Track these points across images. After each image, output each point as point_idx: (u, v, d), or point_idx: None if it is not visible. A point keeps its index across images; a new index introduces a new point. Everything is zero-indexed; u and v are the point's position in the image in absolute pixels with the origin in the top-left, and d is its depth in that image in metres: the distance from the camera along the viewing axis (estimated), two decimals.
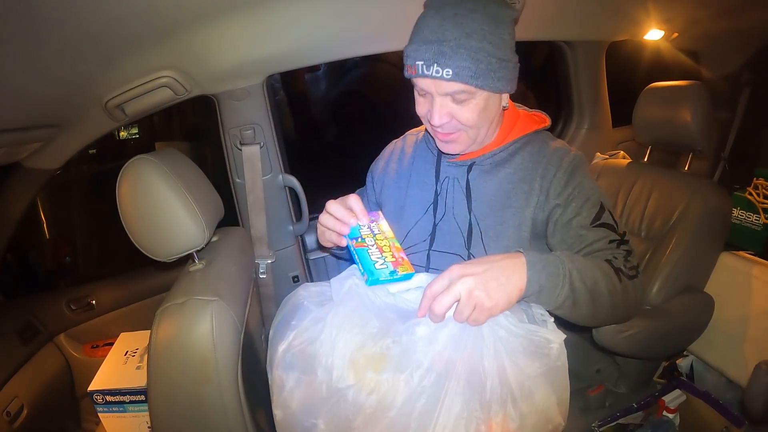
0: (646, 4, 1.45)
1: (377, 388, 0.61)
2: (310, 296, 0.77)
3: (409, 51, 0.79)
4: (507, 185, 0.89)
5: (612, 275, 0.77)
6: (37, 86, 0.90)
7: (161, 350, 0.73)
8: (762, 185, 1.49)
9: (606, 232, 0.84)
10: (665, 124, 1.29)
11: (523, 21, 1.30)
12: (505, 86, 0.81)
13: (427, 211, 0.96)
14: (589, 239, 0.83)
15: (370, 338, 0.65)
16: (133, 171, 0.78)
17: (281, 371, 0.69)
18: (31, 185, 1.31)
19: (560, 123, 1.99)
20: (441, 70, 0.75)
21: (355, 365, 0.63)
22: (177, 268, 0.89)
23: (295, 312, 0.74)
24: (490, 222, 0.89)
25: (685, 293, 1.18)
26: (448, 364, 0.61)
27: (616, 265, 0.79)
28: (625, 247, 0.84)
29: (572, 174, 0.86)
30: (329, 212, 0.78)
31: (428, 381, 0.60)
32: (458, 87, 0.77)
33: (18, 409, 1.21)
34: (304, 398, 0.65)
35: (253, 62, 1.21)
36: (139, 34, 0.94)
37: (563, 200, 0.85)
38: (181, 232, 0.80)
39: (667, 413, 1.31)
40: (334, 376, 0.63)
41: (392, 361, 0.62)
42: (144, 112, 1.19)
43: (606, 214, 0.85)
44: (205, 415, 0.76)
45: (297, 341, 0.69)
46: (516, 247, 0.84)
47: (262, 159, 1.35)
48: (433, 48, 0.75)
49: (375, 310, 0.69)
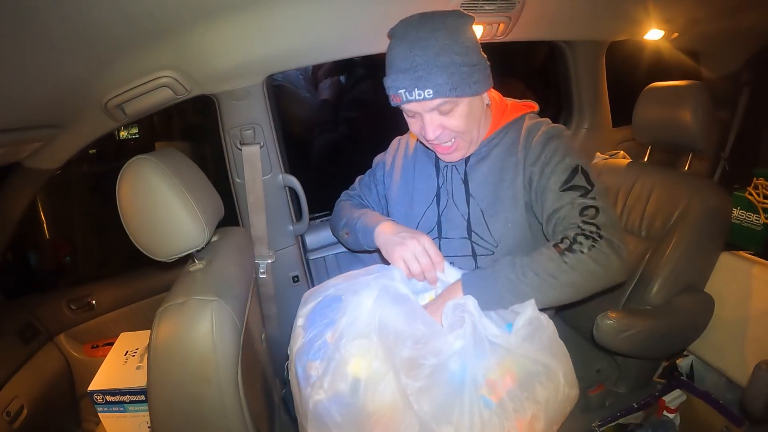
0: (646, 4, 1.45)
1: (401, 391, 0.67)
2: (339, 287, 0.83)
3: (389, 82, 0.86)
4: (498, 162, 0.96)
5: (555, 258, 0.78)
6: (37, 86, 0.90)
7: (161, 350, 0.73)
8: (762, 185, 1.49)
9: (572, 195, 0.85)
10: (665, 124, 1.29)
11: (523, 21, 1.30)
12: (482, 87, 0.88)
13: (432, 201, 1.03)
14: (556, 205, 0.86)
15: (405, 340, 0.70)
16: (132, 171, 0.78)
17: (310, 359, 0.74)
18: (31, 185, 1.31)
19: (560, 123, 1.98)
20: (422, 92, 0.82)
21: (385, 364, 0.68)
22: (177, 268, 0.89)
23: (326, 302, 0.81)
24: (489, 200, 0.95)
25: (685, 293, 1.18)
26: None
27: (563, 246, 0.79)
28: (590, 208, 0.82)
29: (547, 141, 0.92)
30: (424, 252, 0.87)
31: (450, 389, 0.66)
32: (441, 101, 0.84)
33: (18, 409, 1.21)
34: (331, 388, 0.69)
35: (253, 62, 1.20)
36: (138, 34, 0.94)
37: (539, 167, 0.90)
38: (181, 232, 0.80)
39: (668, 413, 1.31)
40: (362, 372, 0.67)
41: (425, 370, 0.68)
42: (144, 112, 1.19)
43: (578, 176, 0.86)
44: (205, 415, 0.76)
45: (328, 332, 0.75)
46: (514, 219, 0.93)
47: (262, 159, 1.35)
48: (409, 75, 0.82)
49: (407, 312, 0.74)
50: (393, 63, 0.85)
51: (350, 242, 1.10)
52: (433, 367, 0.68)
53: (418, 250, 0.86)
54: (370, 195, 1.19)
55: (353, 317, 0.71)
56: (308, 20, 1.10)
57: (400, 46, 0.84)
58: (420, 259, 0.86)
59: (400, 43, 0.84)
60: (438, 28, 0.82)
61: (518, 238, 0.94)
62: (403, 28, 0.85)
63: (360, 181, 1.23)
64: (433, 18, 0.84)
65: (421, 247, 0.87)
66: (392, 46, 0.86)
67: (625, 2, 1.43)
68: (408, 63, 0.82)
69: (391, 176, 1.12)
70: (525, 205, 0.93)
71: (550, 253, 0.80)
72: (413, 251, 0.86)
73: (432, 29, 0.82)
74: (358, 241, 1.04)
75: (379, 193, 1.17)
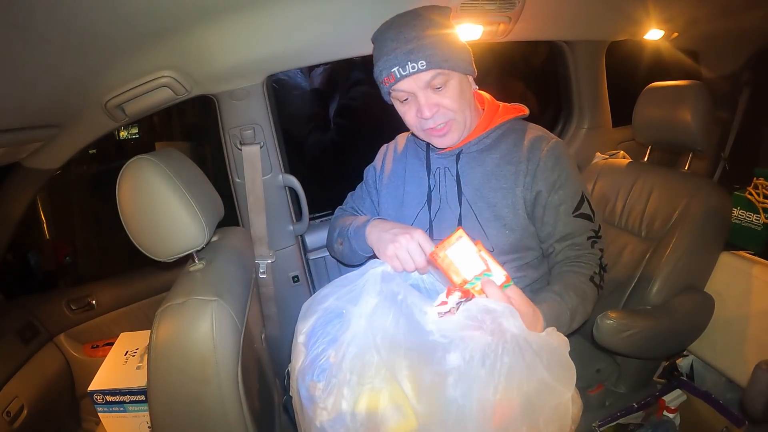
0: (646, 4, 1.45)
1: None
2: (338, 296, 0.79)
3: (381, 66, 0.87)
4: (494, 168, 0.96)
5: (594, 297, 0.91)
6: (37, 87, 0.90)
7: (161, 350, 0.73)
8: (762, 185, 1.49)
9: (584, 223, 0.95)
10: (665, 123, 1.29)
11: (523, 21, 1.30)
12: (469, 67, 0.91)
13: (424, 204, 1.02)
14: (571, 228, 0.94)
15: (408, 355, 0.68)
16: (132, 171, 0.78)
17: (314, 378, 0.72)
18: (31, 185, 1.31)
19: (560, 123, 1.99)
20: (416, 65, 0.83)
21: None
22: (177, 268, 0.89)
23: (326, 318, 0.78)
24: (483, 204, 0.96)
25: (686, 293, 1.18)
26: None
27: (596, 281, 0.92)
28: (599, 246, 0.96)
29: (558, 160, 0.94)
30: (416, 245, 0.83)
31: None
32: (434, 72, 0.85)
33: (18, 409, 1.21)
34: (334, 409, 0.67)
35: (253, 62, 1.20)
36: (138, 34, 0.94)
37: (550, 185, 0.93)
38: (181, 232, 0.80)
39: (668, 413, 1.31)
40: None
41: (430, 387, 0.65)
42: (144, 112, 1.19)
43: (585, 204, 0.95)
44: (205, 415, 0.76)
45: (330, 349, 0.73)
46: (513, 225, 0.95)
47: (262, 159, 1.35)
48: (401, 51, 0.84)
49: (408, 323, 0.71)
50: (382, 47, 0.87)
51: (345, 252, 1.04)
52: (437, 384, 0.64)
53: (412, 246, 0.81)
54: (364, 205, 1.16)
55: (354, 335, 0.69)
56: (308, 20, 1.10)
57: (387, 31, 0.87)
58: (414, 256, 0.81)
59: (387, 29, 0.88)
60: (421, 14, 0.87)
61: (513, 242, 0.95)
62: (387, 22, 0.89)
63: (352, 195, 1.20)
64: (413, 11, 0.88)
65: (415, 242, 0.81)
66: (378, 35, 0.90)
67: (625, 2, 1.43)
68: (397, 43, 0.84)
69: (382, 180, 1.11)
70: (524, 213, 0.94)
71: (591, 292, 0.90)
72: (407, 248, 0.81)
73: (414, 15, 0.87)
74: (352, 247, 0.99)
75: (374, 201, 1.14)
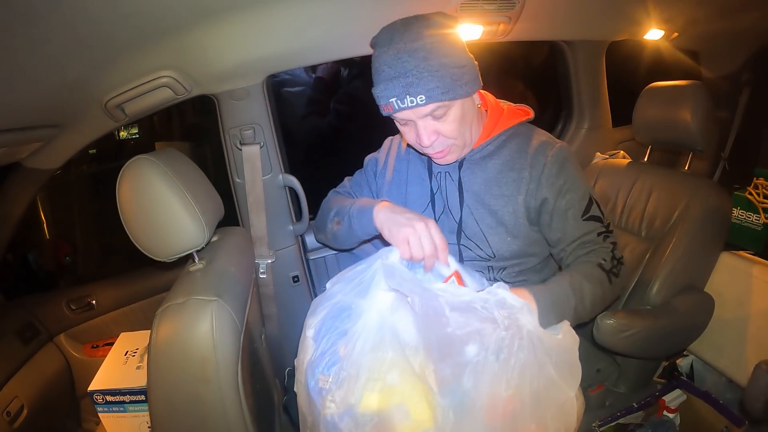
0: (646, 4, 1.44)
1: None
2: (346, 291, 0.80)
3: (379, 92, 0.84)
4: (497, 175, 0.95)
5: (605, 281, 0.88)
6: (37, 86, 0.90)
7: (161, 350, 0.73)
8: (762, 185, 1.49)
9: (595, 225, 0.93)
10: (665, 123, 1.29)
11: (523, 21, 1.29)
12: (472, 88, 0.86)
13: (427, 207, 1.02)
14: (581, 231, 0.93)
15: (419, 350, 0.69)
16: (132, 171, 0.78)
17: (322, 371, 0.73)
18: (31, 185, 1.31)
19: (560, 123, 1.98)
20: (415, 99, 0.80)
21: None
22: (177, 268, 0.89)
23: (335, 311, 0.78)
24: (485, 211, 0.95)
25: (685, 293, 1.18)
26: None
27: (606, 267, 0.89)
28: (611, 240, 0.94)
29: (563, 165, 0.92)
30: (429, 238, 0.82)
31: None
32: (434, 106, 0.82)
33: (18, 409, 1.21)
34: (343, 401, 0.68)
35: (253, 62, 1.20)
36: (138, 34, 0.94)
37: (556, 191, 0.91)
38: (181, 232, 0.80)
39: (668, 413, 1.31)
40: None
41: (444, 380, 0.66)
42: (144, 112, 1.19)
43: (594, 206, 0.94)
44: (205, 415, 0.76)
45: (340, 344, 0.74)
46: (516, 232, 0.93)
47: (262, 159, 1.35)
48: (399, 82, 0.80)
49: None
50: (381, 71, 0.82)
51: (340, 233, 1.02)
52: (458, 376, 0.65)
53: (425, 234, 0.80)
54: (362, 192, 1.15)
55: (364, 328, 0.70)
56: (308, 20, 1.10)
57: (386, 54, 0.81)
58: (424, 243, 0.80)
59: (386, 50, 0.81)
60: (423, 32, 0.80)
61: (515, 249, 0.95)
62: (387, 34, 0.82)
63: (350, 180, 1.20)
64: (417, 21, 0.81)
65: (428, 231, 0.81)
66: (378, 55, 0.83)
67: (625, 2, 1.43)
68: (396, 70, 0.79)
69: (384, 175, 1.11)
70: (526, 221, 0.93)
71: (602, 278, 0.87)
72: (420, 233, 0.81)
73: (417, 33, 0.80)
74: (352, 227, 0.96)
75: (372, 190, 1.14)
